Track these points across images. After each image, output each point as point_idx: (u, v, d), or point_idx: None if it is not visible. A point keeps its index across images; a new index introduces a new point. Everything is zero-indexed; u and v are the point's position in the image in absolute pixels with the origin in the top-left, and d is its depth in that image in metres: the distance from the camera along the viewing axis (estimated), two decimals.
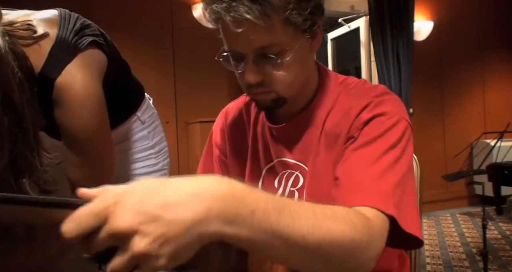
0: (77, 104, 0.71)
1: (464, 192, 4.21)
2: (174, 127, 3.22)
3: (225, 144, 0.86)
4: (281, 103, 0.70)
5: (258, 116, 0.82)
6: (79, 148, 0.75)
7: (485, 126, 4.32)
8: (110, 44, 0.84)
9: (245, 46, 0.64)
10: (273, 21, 0.60)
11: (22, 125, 0.57)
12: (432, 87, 4.16)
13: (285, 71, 0.66)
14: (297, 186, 0.75)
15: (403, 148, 0.63)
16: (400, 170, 0.61)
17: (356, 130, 0.66)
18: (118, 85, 0.89)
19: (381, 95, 0.69)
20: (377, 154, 0.61)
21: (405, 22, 3.50)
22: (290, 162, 0.76)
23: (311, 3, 0.63)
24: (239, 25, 0.60)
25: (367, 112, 0.66)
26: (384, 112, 0.66)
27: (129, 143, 1.02)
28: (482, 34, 4.37)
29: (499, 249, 2.85)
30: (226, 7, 0.59)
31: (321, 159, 0.71)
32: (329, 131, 0.71)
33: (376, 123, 0.65)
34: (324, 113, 0.73)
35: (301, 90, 0.73)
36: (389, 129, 0.64)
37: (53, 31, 0.71)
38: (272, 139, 0.78)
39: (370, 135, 0.64)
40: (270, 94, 0.68)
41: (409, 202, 0.59)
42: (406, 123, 0.66)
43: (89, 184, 0.78)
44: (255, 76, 0.65)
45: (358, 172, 0.60)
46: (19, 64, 0.59)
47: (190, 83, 3.26)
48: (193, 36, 3.24)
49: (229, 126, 0.86)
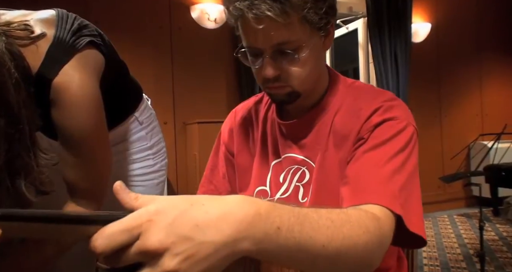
0: (74, 104, 0.70)
1: (461, 194, 4.22)
2: (172, 128, 3.22)
3: (233, 142, 0.89)
4: (295, 97, 0.74)
5: (267, 113, 0.85)
6: (76, 149, 0.75)
7: (483, 127, 4.34)
8: (108, 44, 0.83)
9: (264, 42, 0.67)
10: (291, 19, 0.65)
11: (18, 126, 0.57)
12: (429, 88, 4.17)
13: (300, 67, 0.70)
14: (303, 182, 0.77)
15: (410, 152, 0.66)
16: (406, 173, 0.64)
17: (367, 132, 0.69)
18: (116, 85, 0.89)
19: (391, 100, 0.72)
20: (386, 157, 0.64)
21: (403, 24, 3.51)
22: (298, 158, 0.78)
23: (326, 3, 0.68)
24: (260, 22, 0.64)
25: (378, 116, 0.69)
26: (394, 116, 0.69)
27: (127, 143, 1.01)
28: (479, 36, 4.39)
29: (496, 250, 2.85)
30: (249, 5, 0.63)
31: (329, 155, 0.74)
32: (338, 130, 0.74)
33: (386, 127, 0.68)
34: (332, 111, 0.76)
35: (314, 86, 0.76)
36: (398, 133, 0.67)
37: (51, 31, 0.70)
38: (281, 135, 0.81)
39: (380, 137, 0.67)
40: (286, 89, 0.72)
41: (414, 204, 0.62)
42: (413, 128, 0.70)
43: (85, 185, 0.78)
44: (273, 71, 0.69)
45: (368, 173, 0.63)
46: (15, 65, 0.58)
47: (188, 84, 3.26)
48: (192, 37, 3.24)
49: (238, 124, 0.89)
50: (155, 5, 3.16)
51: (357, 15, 3.85)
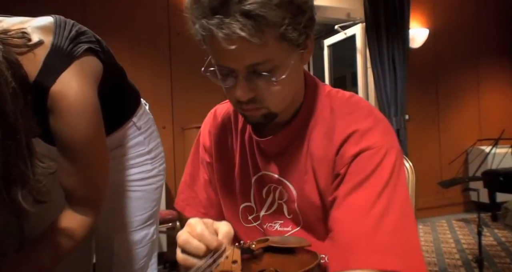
0: (72, 112, 0.70)
1: (460, 199, 4.22)
2: (171, 133, 3.22)
3: (212, 147, 0.84)
4: (272, 118, 0.67)
5: (245, 124, 0.80)
6: (74, 156, 0.75)
7: (480, 132, 4.35)
8: (106, 50, 0.83)
9: (236, 63, 0.60)
10: (267, 38, 0.57)
11: (15, 136, 0.57)
12: (427, 93, 4.18)
13: (278, 88, 0.62)
14: (283, 199, 0.74)
15: (395, 182, 0.61)
16: (396, 211, 0.58)
17: (342, 166, 0.63)
18: (114, 91, 0.88)
19: (365, 120, 0.65)
20: (370, 200, 0.58)
21: (401, 29, 3.52)
22: (274, 177, 0.74)
23: (305, 16, 0.60)
24: (231, 42, 0.56)
25: (352, 145, 0.63)
26: (370, 145, 0.62)
27: (124, 149, 1.01)
28: (476, 42, 4.41)
29: (494, 255, 2.85)
30: (219, 23, 0.55)
31: (309, 180, 0.70)
32: (314, 153, 0.69)
33: (363, 160, 0.61)
34: (309, 127, 0.71)
35: (290, 103, 0.70)
36: (378, 165, 0.61)
37: (48, 38, 0.70)
38: (258, 151, 0.76)
39: (359, 175, 0.61)
40: (261, 110, 0.65)
41: (411, 241, 0.58)
42: (395, 151, 0.63)
43: (83, 192, 0.78)
44: (247, 93, 0.62)
45: (352, 226, 0.58)
46: (12, 73, 0.58)
47: (187, 89, 3.26)
48: (190, 42, 3.23)
49: (217, 129, 0.84)
50: (153, 11, 3.17)
51: (355, 21, 3.87)
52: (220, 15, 0.55)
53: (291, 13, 0.57)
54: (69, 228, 0.77)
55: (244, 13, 0.54)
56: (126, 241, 1.01)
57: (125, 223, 1.02)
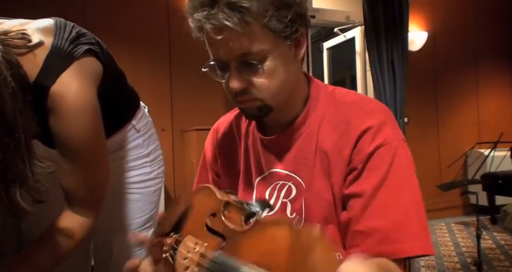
0: (72, 112, 0.70)
1: (459, 202, 4.22)
2: (170, 135, 3.21)
3: (217, 161, 0.87)
4: (267, 111, 0.70)
5: (248, 128, 0.82)
6: (74, 157, 0.75)
7: (479, 135, 4.35)
8: (106, 52, 0.84)
9: (226, 54, 0.65)
10: (252, 28, 0.62)
11: (14, 135, 0.57)
12: (426, 96, 4.19)
13: (267, 78, 0.66)
14: (290, 197, 0.74)
15: (410, 170, 0.67)
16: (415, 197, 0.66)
17: (359, 162, 0.67)
18: (113, 93, 0.89)
19: (378, 115, 0.69)
20: (395, 196, 0.64)
21: (400, 32, 3.54)
22: (282, 173, 0.75)
23: (291, 10, 0.65)
24: (219, 32, 0.62)
25: (369, 142, 0.67)
26: (383, 141, 0.67)
27: (123, 151, 1.01)
28: (476, 44, 4.42)
29: (493, 258, 2.85)
30: (207, 15, 0.61)
31: (317, 173, 0.71)
32: (325, 147, 0.71)
33: (379, 156, 0.66)
34: (316, 124, 0.73)
35: (288, 99, 0.72)
36: (393, 159, 0.66)
37: (48, 39, 0.71)
38: (263, 150, 0.78)
39: (378, 170, 0.65)
40: (255, 102, 0.69)
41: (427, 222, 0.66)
42: (401, 142, 0.68)
43: (83, 193, 0.78)
44: (238, 83, 0.66)
45: (385, 221, 0.63)
46: (12, 73, 0.58)
47: (186, 91, 3.27)
48: (190, 45, 3.24)
49: (220, 141, 0.87)
50: (153, 13, 3.18)
51: (354, 24, 3.88)
52: (208, 7, 0.61)
53: (274, 6, 0.63)
54: (69, 229, 0.77)
55: (229, 5, 0.60)
56: (125, 243, 1.01)
57: (124, 225, 1.02)
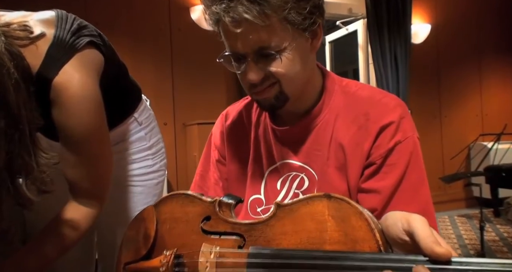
0: (75, 104, 0.70)
1: (462, 194, 4.22)
2: (172, 129, 3.22)
3: (224, 146, 0.86)
4: (284, 100, 0.70)
5: (259, 118, 0.82)
6: (77, 148, 0.75)
7: (483, 127, 4.33)
8: (108, 45, 0.84)
9: (244, 46, 0.64)
10: (271, 20, 0.61)
11: (18, 126, 0.57)
12: (429, 89, 4.17)
13: (285, 67, 0.66)
14: (302, 189, 0.74)
15: (423, 166, 0.69)
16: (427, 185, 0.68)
17: (378, 157, 0.68)
18: (115, 86, 0.89)
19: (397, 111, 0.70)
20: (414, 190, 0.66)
21: (403, 25, 3.51)
22: (295, 164, 0.75)
23: (310, 2, 0.64)
24: (238, 25, 0.61)
25: (388, 138, 0.67)
26: (403, 136, 0.68)
27: (126, 144, 1.02)
28: (479, 37, 4.39)
29: (496, 251, 2.85)
30: (225, 8, 0.60)
31: (332, 165, 0.72)
32: (342, 140, 0.71)
33: (398, 152, 0.67)
34: (331, 116, 0.73)
35: (303, 90, 0.73)
36: (411, 155, 0.67)
37: (50, 31, 0.71)
38: (276, 141, 0.78)
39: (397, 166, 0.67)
40: (273, 90, 0.68)
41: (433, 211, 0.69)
42: (416, 139, 0.70)
43: (87, 184, 0.79)
44: (255, 75, 0.66)
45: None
46: (15, 65, 0.59)
47: (188, 85, 3.27)
48: (191, 38, 3.25)
49: (229, 128, 0.86)
50: (155, 7, 3.17)
51: (356, 16, 3.85)
52: (227, 0, 0.60)
53: None
54: (74, 220, 0.77)
55: None
56: None
57: (127, 217, 1.02)
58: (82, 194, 0.79)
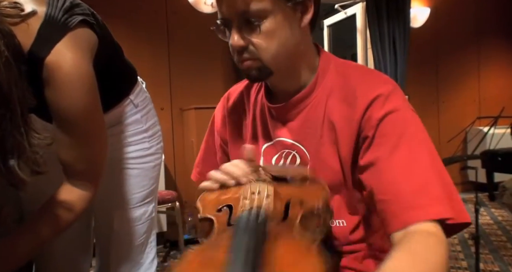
0: (67, 83, 0.69)
1: (458, 179, 4.25)
2: (169, 114, 3.20)
3: (225, 128, 0.89)
4: (267, 73, 0.71)
5: (257, 97, 0.83)
6: (71, 129, 0.74)
7: (480, 112, 4.34)
8: (101, 24, 0.82)
9: (229, 11, 0.67)
10: None
11: (9, 105, 0.56)
12: (428, 73, 4.15)
13: (265, 38, 0.67)
14: (295, 165, 0.76)
15: (424, 134, 0.66)
16: (435, 160, 0.64)
17: (370, 129, 0.66)
18: (110, 66, 0.87)
19: (386, 85, 0.69)
20: (412, 158, 0.63)
21: (402, 9, 3.47)
22: (287, 142, 0.77)
23: None
24: None
25: (377, 109, 0.66)
26: (394, 108, 0.66)
27: (122, 126, 1.01)
28: (478, 21, 4.35)
29: (490, 234, 2.89)
30: None
31: (325, 142, 0.72)
32: (333, 118, 0.71)
33: (391, 122, 0.65)
34: (324, 94, 0.74)
35: (291, 65, 0.73)
36: (405, 124, 0.66)
37: (42, 9, 0.69)
38: (271, 118, 0.80)
39: (391, 136, 0.64)
40: (255, 62, 0.70)
41: (453, 189, 0.63)
42: (415, 113, 0.68)
43: (81, 166, 0.78)
44: (238, 40, 0.68)
45: (404, 186, 0.61)
46: (5, 43, 0.57)
47: (185, 70, 3.24)
48: (187, 22, 3.20)
49: (230, 109, 0.88)
50: None
51: (355, 0, 3.80)
52: None
53: None
54: (68, 201, 0.77)
55: None
56: (126, 218, 1.02)
57: (124, 200, 1.02)
58: (75, 176, 0.78)
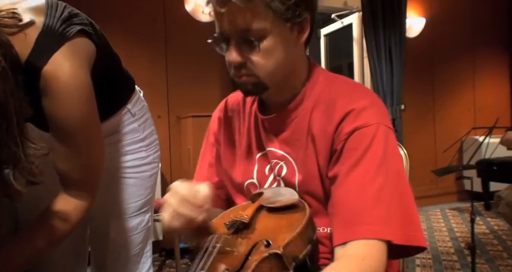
0: (65, 93, 0.69)
1: (454, 188, 4.26)
2: (166, 122, 3.20)
3: (220, 133, 0.90)
4: (262, 88, 0.73)
5: (252, 107, 0.85)
6: (67, 138, 0.74)
7: (475, 122, 4.36)
8: (100, 34, 0.82)
9: (229, 27, 0.68)
10: (254, 4, 0.65)
11: (5, 115, 0.56)
12: (423, 83, 4.18)
13: (263, 57, 0.69)
14: (281, 175, 0.78)
15: (389, 156, 0.66)
16: (392, 182, 0.64)
17: (339, 143, 0.68)
18: (108, 76, 0.87)
19: (363, 100, 0.70)
20: (368, 176, 0.64)
21: (398, 19, 3.50)
22: (278, 153, 0.79)
23: None
24: (223, 5, 0.65)
25: (348, 123, 0.68)
26: (364, 123, 0.67)
27: (119, 135, 1.01)
28: (473, 31, 4.40)
29: (486, 243, 2.89)
30: None
31: (309, 153, 0.74)
32: (314, 129, 0.74)
33: (357, 137, 0.67)
34: (309, 106, 0.76)
35: (285, 80, 0.75)
36: (372, 141, 0.66)
37: (40, 19, 0.69)
38: (263, 129, 0.81)
39: (355, 151, 0.66)
40: (251, 78, 0.71)
41: (409, 212, 0.64)
42: (384, 128, 0.68)
43: (78, 176, 0.78)
44: (236, 57, 0.69)
45: (354, 201, 0.63)
46: (3, 53, 0.57)
47: (182, 78, 3.24)
48: (186, 30, 3.21)
49: (227, 115, 0.90)
50: None
51: (352, 10, 3.84)
52: None
53: None
54: (64, 212, 0.76)
55: None
56: (122, 227, 1.01)
57: (120, 209, 1.02)
58: (72, 186, 0.78)
